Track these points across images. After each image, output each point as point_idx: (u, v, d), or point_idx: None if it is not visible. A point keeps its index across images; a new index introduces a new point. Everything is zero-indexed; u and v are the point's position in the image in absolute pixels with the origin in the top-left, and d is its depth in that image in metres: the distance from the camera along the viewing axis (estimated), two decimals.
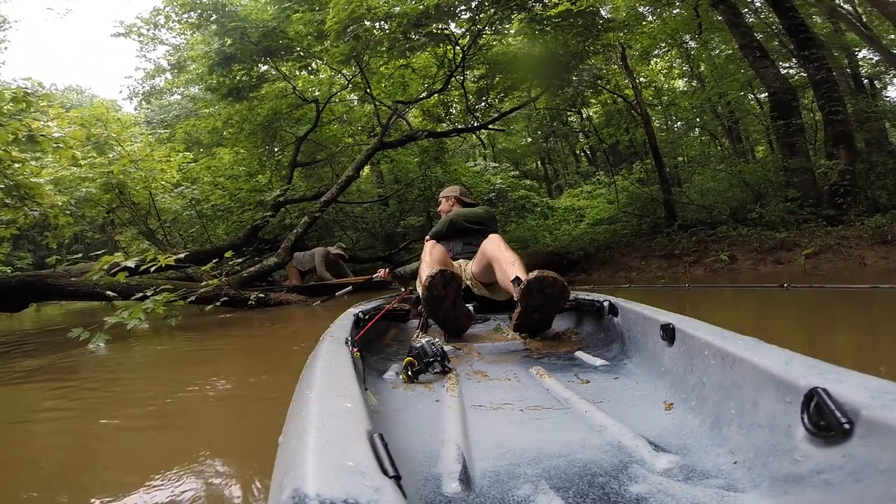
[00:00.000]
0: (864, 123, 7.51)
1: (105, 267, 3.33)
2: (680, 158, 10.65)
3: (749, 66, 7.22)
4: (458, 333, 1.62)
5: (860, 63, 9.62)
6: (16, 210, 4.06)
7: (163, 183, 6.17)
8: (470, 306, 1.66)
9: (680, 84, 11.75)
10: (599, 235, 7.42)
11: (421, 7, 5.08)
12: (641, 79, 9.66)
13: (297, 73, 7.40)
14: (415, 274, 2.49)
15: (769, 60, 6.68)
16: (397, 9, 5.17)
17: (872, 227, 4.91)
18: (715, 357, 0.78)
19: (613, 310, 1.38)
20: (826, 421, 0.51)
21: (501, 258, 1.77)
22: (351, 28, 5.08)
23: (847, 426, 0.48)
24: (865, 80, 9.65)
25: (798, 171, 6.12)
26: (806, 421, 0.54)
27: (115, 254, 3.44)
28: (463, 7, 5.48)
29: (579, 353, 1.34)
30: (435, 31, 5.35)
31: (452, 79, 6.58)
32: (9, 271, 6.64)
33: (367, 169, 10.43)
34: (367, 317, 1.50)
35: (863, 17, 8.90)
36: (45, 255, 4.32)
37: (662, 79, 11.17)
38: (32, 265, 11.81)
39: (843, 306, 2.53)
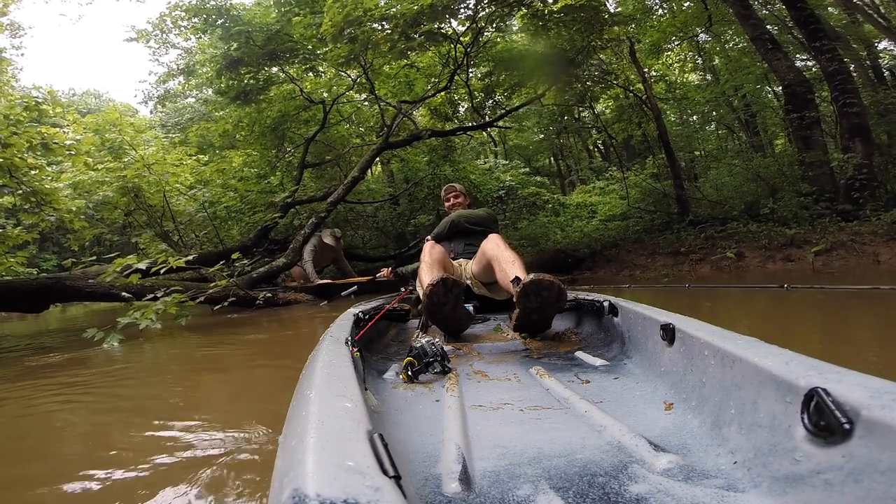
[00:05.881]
0: (885, 116, 7.28)
1: (118, 269, 3.41)
2: (697, 153, 10.46)
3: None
4: (457, 333, 1.63)
5: (880, 55, 9.33)
6: (35, 215, 4.19)
7: (176, 186, 6.28)
8: (470, 306, 1.67)
9: (693, 78, 11.55)
10: (611, 232, 7.30)
11: (416, 7, 5.05)
12: (653, 73, 9.51)
13: (304, 75, 7.45)
14: (415, 273, 2.50)
15: (782, 52, 6.53)
16: (394, 9, 5.15)
17: (888, 222, 4.75)
18: (715, 357, 0.77)
19: (613, 310, 1.37)
20: (826, 421, 0.50)
21: (501, 258, 1.77)
22: (348, 31, 5.09)
23: (847, 426, 0.48)
24: (886, 72, 9.37)
25: (814, 166, 5.97)
26: (806, 421, 0.53)
27: (129, 256, 3.53)
28: (461, 6, 5.45)
29: (579, 353, 1.33)
30: (434, 30, 5.33)
31: (457, 77, 6.56)
32: (35, 273, 6.82)
33: (377, 168, 10.46)
34: (367, 317, 1.50)
35: (880, 7, 8.64)
36: (68, 257, 4.45)
37: (676, 73, 10.99)
38: (56, 267, 12.09)
39: (854, 305, 2.47)
